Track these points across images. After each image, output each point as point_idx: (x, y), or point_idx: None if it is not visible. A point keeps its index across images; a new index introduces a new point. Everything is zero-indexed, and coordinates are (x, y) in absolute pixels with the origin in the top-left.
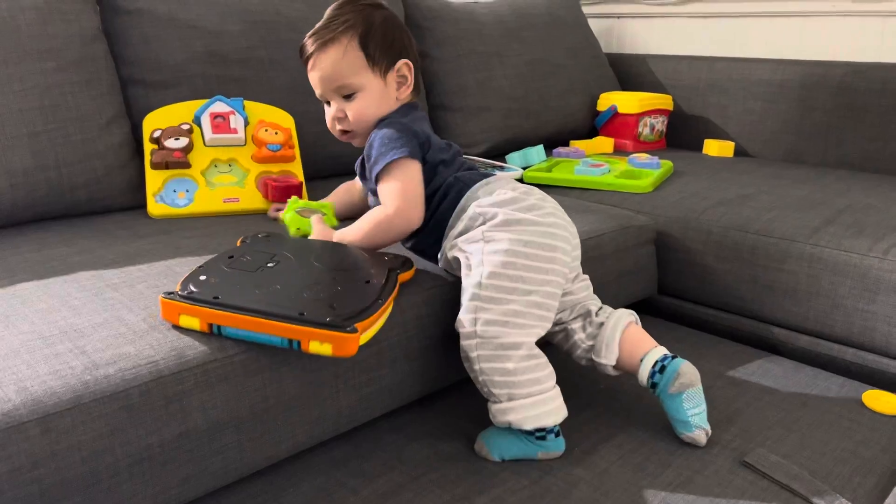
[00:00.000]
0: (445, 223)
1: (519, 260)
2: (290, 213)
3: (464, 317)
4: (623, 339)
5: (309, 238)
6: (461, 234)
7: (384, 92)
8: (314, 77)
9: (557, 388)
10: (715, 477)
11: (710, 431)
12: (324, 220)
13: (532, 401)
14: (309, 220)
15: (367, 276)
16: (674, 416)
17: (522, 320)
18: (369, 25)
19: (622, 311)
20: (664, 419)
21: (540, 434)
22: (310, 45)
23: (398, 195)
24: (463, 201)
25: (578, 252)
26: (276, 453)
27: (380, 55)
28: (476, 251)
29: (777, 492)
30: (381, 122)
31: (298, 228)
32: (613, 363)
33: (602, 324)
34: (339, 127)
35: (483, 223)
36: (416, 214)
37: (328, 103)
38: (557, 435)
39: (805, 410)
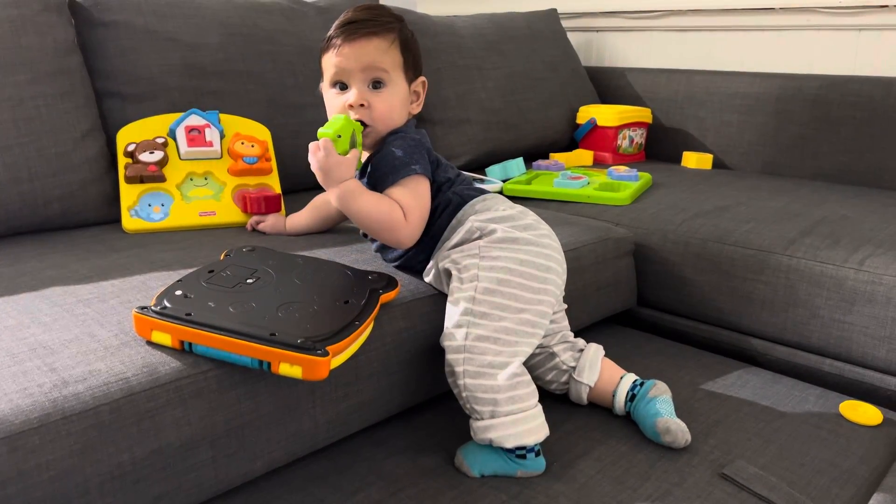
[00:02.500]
0: (439, 238)
1: (514, 278)
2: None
3: (453, 330)
4: (603, 364)
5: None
6: (456, 246)
7: (406, 98)
8: (345, 57)
9: (540, 407)
10: (694, 489)
11: (687, 435)
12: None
13: (514, 419)
14: (346, 146)
15: (346, 295)
16: (645, 415)
17: (513, 338)
18: (407, 35)
19: (596, 345)
20: (642, 431)
21: (520, 452)
22: (351, 29)
23: (422, 205)
24: (460, 215)
25: (565, 277)
26: (252, 470)
27: (411, 63)
28: (471, 265)
29: (756, 503)
30: (395, 135)
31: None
32: (593, 384)
33: (582, 349)
34: (355, 116)
35: (480, 237)
36: (415, 236)
37: (343, 88)
38: (538, 454)
39: (783, 421)
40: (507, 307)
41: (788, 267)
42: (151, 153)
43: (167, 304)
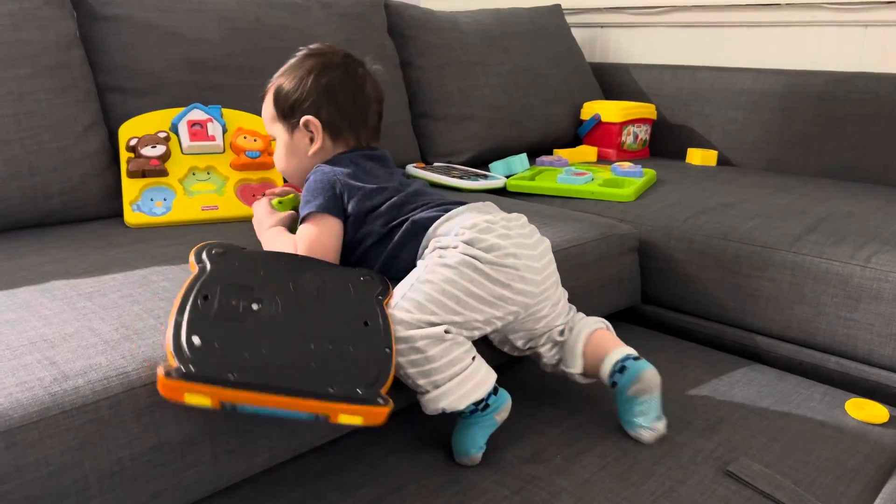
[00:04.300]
0: (412, 267)
1: (463, 281)
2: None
3: None
4: (588, 342)
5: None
6: None
7: (291, 146)
8: None
9: (479, 359)
10: (698, 486)
11: (659, 428)
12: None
13: (457, 381)
14: (284, 209)
15: (361, 313)
16: (621, 412)
17: (439, 329)
18: (292, 76)
19: (591, 319)
20: None
21: (482, 405)
22: None
23: (305, 248)
24: (424, 241)
25: (549, 283)
26: (252, 466)
27: (286, 109)
28: (428, 259)
29: (761, 501)
30: (315, 169)
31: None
32: (579, 371)
33: (571, 329)
34: None
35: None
36: None
37: None
38: (496, 391)
39: (788, 419)
40: (443, 306)
41: (794, 264)
42: (153, 147)
43: (195, 358)
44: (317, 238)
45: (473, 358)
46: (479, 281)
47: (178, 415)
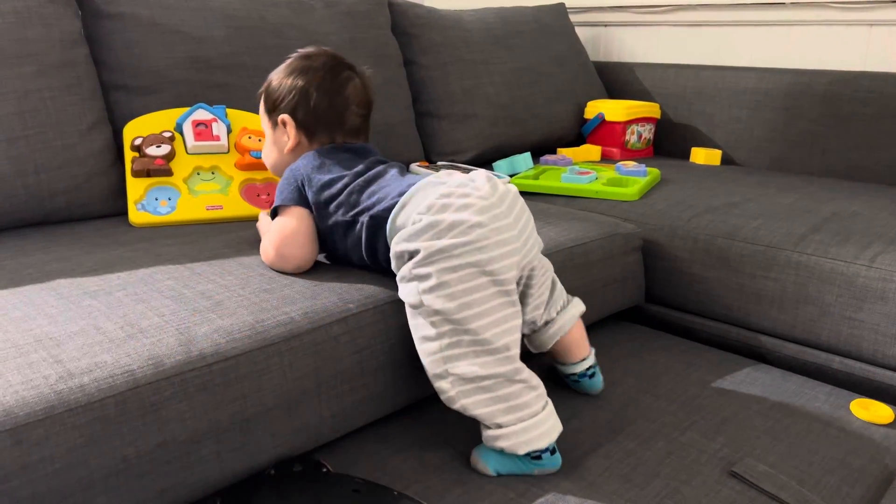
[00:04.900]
0: (388, 263)
1: (456, 287)
2: None
3: (427, 360)
4: (557, 343)
5: None
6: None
7: (273, 141)
8: None
9: (549, 408)
10: (703, 487)
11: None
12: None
13: (522, 426)
14: None
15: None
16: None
17: (490, 346)
18: (279, 77)
19: (567, 317)
20: (652, 429)
21: (535, 454)
22: None
23: (273, 238)
24: (387, 238)
25: (528, 231)
26: (257, 464)
27: (270, 106)
28: (412, 291)
29: (765, 502)
30: (286, 169)
31: None
32: (546, 350)
33: (547, 324)
34: None
35: (410, 258)
36: (296, 254)
37: None
38: (553, 452)
39: (793, 419)
40: (465, 319)
41: (798, 264)
42: (158, 147)
43: None
44: (284, 227)
45: (544, 406)
46: (467, 274)
47: (184, 413)
